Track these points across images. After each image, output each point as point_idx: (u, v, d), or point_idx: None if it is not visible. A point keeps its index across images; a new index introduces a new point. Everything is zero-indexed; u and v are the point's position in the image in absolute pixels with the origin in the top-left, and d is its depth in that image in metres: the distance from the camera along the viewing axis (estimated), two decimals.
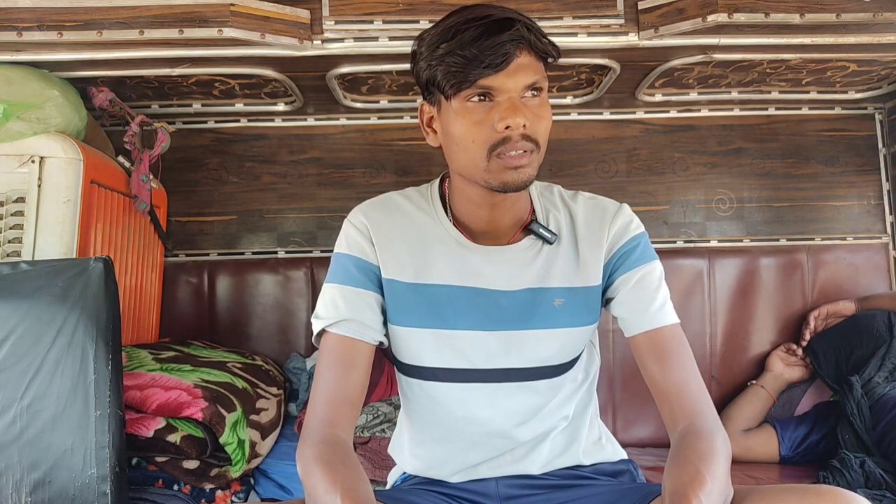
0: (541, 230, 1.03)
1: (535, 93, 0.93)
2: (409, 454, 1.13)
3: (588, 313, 1.05)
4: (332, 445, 0.91)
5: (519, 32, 0.89)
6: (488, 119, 0.91)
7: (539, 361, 1.03)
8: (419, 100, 1.04)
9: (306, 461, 0.89)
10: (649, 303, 1.01)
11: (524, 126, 0.91)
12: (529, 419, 1.05)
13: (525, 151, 0.92)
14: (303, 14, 1.50)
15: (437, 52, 0.91)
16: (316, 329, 1.01)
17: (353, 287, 1.01)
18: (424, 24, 1.50)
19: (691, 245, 2.06)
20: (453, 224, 1.05)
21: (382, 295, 1.03)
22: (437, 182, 1.10)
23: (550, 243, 1.03)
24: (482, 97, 0.92)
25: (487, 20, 0.89)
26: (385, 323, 1.04)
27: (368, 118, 2.06)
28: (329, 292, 1.02)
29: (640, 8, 1.51)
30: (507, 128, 0.90)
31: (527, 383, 1.04)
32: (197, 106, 1.96)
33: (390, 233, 1.04)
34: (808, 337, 1.87)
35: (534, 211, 1.06)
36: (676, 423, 0.95)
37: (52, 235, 1.43)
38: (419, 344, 1.03)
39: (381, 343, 1.03)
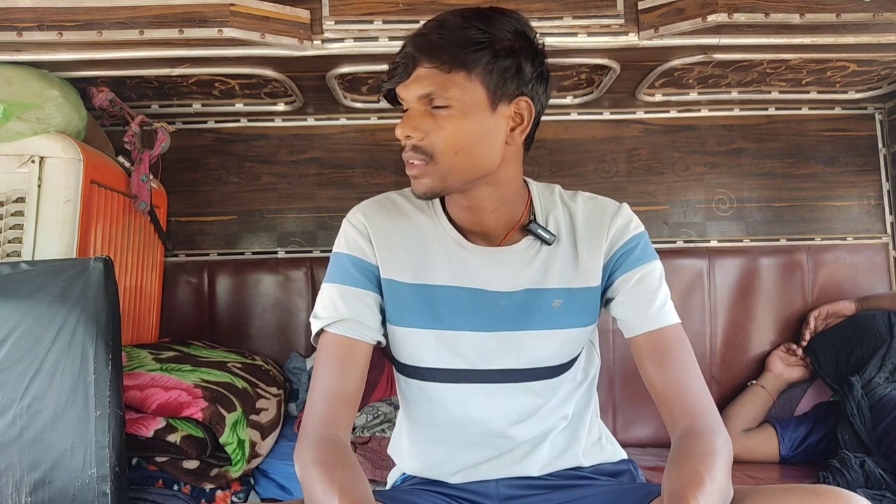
0: (539, 231, 1.03)
1: (438, 104, 0.94)
2: (408, 454, 1.13)
3: (587, 314, 1.05)
4: (330, 446, 0.91)
5: (415, 42, 0.94)
6: None
7: (537, 362, 1.03)
8: None
9: (304, 462, 0.89)
10: (649, 303, 1.01)
11: (408, 137, 0.96)
12: (528, 419, 1.05)
13: (415, 162, 0.96)
14: (303, 14, 1.50)
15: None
16: (314, 329, 1.01)
17: (352, 287, 1.01)
18: None
19: (691, 245, 2.06)
20: (451, 225, 1.05)
21: (381, 295, 1.03)
22: None
23: (549, 244, 1.03)
24: (400, 107, 0.99)
25: (416, 31, 0.96)
26: (384, 323, 1.04)
27: (368, 118, 2.06)
28: (328, 292, 1.02)
29: (640, 8, 1.51)
30: (398, 136, 0.97)
31: (525, 384, 1.04)
32: (197, 106, 1.96)
33: (389, 233, 1.04)
34: (808, 337, 1.87)
35: (533, 211, 1.06)
36: (677, 424, 0.94)
37: (52, 235, 1.43)
38: (418, 344, 1.03)
39: (379, 343, 1.03)
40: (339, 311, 0.99)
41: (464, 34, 0.93)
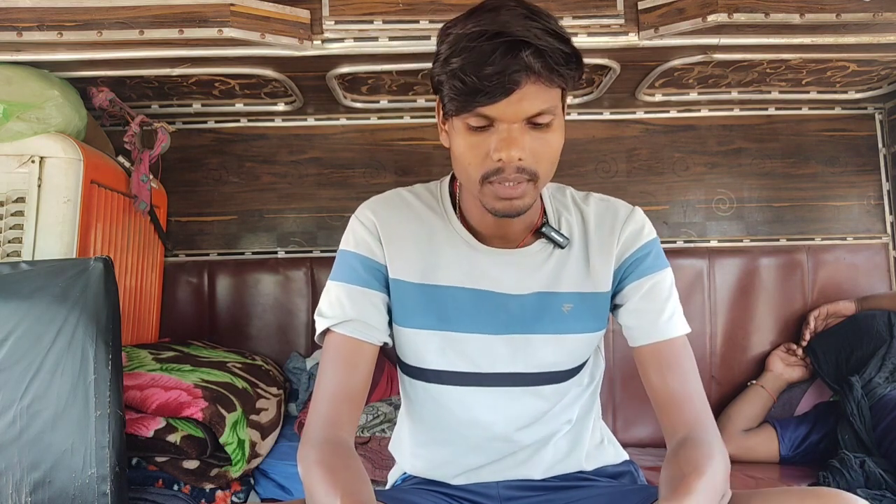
0: (552, 234, 1.01)
1: (543, 121, 0.87)
2: (409, 454, 1.13)
3: (597, 319, 1.03)
4: (333, 446, 0.90)
5: (525, 62, 0.81)
6: (485, 145, 0.87)
7: (546, 367, 1.02)
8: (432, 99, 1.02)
9: (308, 462, 0.88)
10: (658, 314, 0.99)
11: (519, 159, 0.86)
12: (533, 423, 1.04)
13: (521, 184, 0.88)
14: (303, 14, 1.50)
15: (448, 65, 0.85)
16: (320, 328, 0.99)
17: (359, 286, 0.99)
18: (424, 24, 1.49)
19: (691, 245, 2.06)
20: (462, 225, 1.03)
21: (388, 294, 1.02)
22: (447, 180, 1.07)
23: (562, 247, 1.01)
24: (482, 124, 0.87)
25: (499, 40, 0.81)
26: (390, 323, 1.03)
27: (368, 118, 2.06)
28: (334, 290, 1.00)
29: (640, 8, 1.51)
30: (498, 160, 0.86)
31: (532, 388, 1.03)
32: (197, 106, 1.96)
33: (399, 231, 1.02)
34: (808, 337, 1.87)
35: (545, 214, 1.04)
36: (675, 433, 0.94)
37: (52, 235, 1.43)
38: (424, 346, 1.02)
39: (385, 344, 1.02)
40: (345, 311, 0.98)
41: (559, 47, 0.84)
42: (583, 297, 1.02)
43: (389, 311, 1.03)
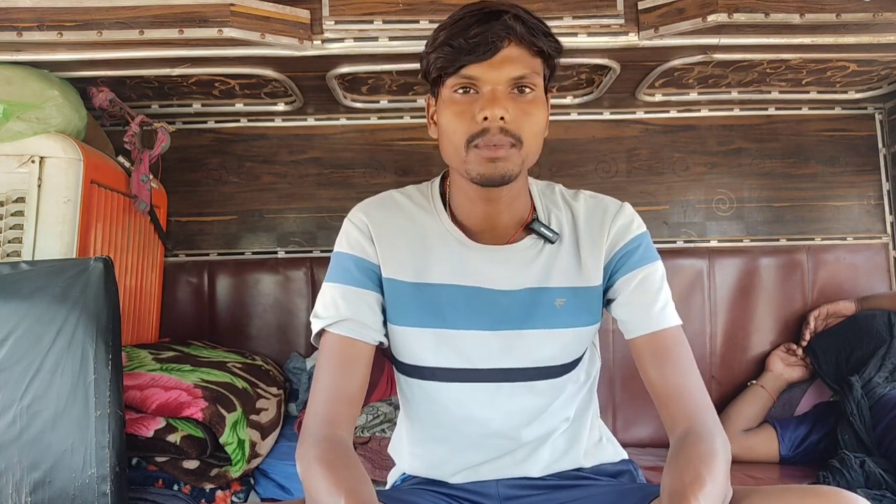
0: (542, 229, 1.02)
1: (527, 89, 0.92)
2: (408, 454, 1.13)
3: (589, 314, 1.04)
4: (333, 445, 0.90)
5: (506, 23, 0.89)
6: (470, 110, 0.92)
7: (541, 361, 1.03)
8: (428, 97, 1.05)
9: (307, 461, 0.88)
10: (650, 305, 1.00)
11: (502, 119, 0.90)
12: (532, 421, 1.05)
13: (504, 145, 0.91)
14: (303, 14, 1.50)
15: (436, 40, 0.93)
16: (315, 329, 1.00)
17: (353, 287, 1.01)
18: (424, 24, 1.50)
19: (691, 245, 2.06)
20: (453, 223, 1.04)
21: (382, 294, 1.03)
22: (437, 180, 1.09)
23: (552, 242, 1.03)
24: (466, 88, 0.92)
25: (482, 11, 0.90)
26: (385, 323, 1.04)
27: (368, 118, 2.06)
28: (329, 292, 1.01)
29: (640, 8, 1.51)
30: (485, 119, 0.90)
31: (528, 384, 1.03)
32: (197, 106, 1.96)
33: (391, 231, 1.03)
34: (808, 337, 1.87)
35: (535, 210, 1.06)
36: (676, 426, 0.94)
37: (52, 235, 1.43)
38: (419, 344, 1.03)
39: (381, 343, 1.03)
40: (340, 311, 0.99)
41: (538, 21, 0.93)
42: (575, 291, 1.02)
43: (384, 311, 1.03)
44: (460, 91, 0.93)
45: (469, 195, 1.01)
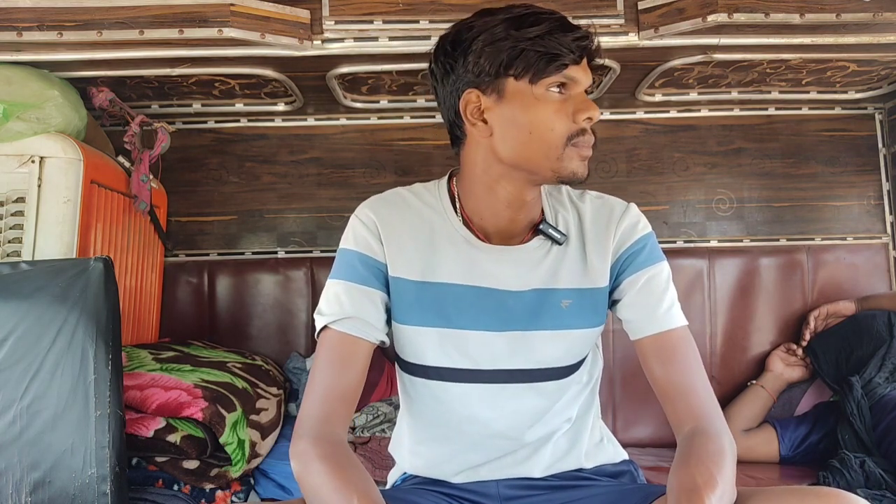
0: (550, 230, 1.02)
1: (590, 93, 0.97)
2: (409, 453, 1.13)
3: (595, 315, 1.04)
4: (331, 443, 0.90)
5: (587, 34, 0.95)
6: (564, 109, 0.94)
7: (546, 363, 1.03)
8: (456, 93, 1.00)
9: (306, 457, 0.88)
10: (656, 306, 1.00)
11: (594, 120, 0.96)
12: (535, 422, 1.04)
13: (592, 145, 0.97)
14: (303, 14, 1.50)
15: (528, 32, 0.92)
16: (319, 325, 1.00)
17: (359, 284, 1.00)
18: (424, 24, 1.49)
19: (691, 245, 2.06)
20: (462, 222, 1.04)
21: (388, 293, 1.02)
22: (444, 179, 1.08)
23: (560, 244, 1.03)
24: (559, 87, 0.94)
25: (557, 16, 0.94)
26: (388, 322, 1.04)
27: (368, 118, 2.06)
28: (333, 288, 1.00)
29: (640, 8, 1.51)
30: (586, 119, 0.94)
31: (532, 385, 1.03)
32: (197, 106, 1.96)
33: (399, 229, 1.03)
34: (808, 337, 1.87)
35: (543, 211, 1.06)
36: (683, 424, 0.94)
37: (52, 235, 1.43)
38: (424, 343, 1.02)
39: (382, 343, 1.02)
40: (343, 309, 0.98)
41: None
42: (581, 292, 1.02)
43: (388, 311, 1.03)
44: (555, 89, 0.94)
45: (502, 197, 1.00)
